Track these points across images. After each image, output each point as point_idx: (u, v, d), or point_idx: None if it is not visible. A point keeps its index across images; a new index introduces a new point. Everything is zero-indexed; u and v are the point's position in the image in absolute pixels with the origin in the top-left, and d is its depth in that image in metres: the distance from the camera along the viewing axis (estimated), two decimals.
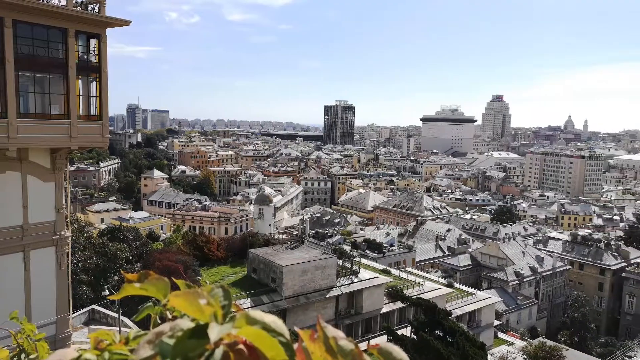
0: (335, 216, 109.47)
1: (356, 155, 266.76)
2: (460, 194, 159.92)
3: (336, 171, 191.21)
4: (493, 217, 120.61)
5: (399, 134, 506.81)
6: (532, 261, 75.29)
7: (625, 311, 76.92)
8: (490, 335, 43.96)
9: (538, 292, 73.26)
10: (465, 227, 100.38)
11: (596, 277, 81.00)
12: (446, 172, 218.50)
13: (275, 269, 36.60)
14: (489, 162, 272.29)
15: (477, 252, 77.05)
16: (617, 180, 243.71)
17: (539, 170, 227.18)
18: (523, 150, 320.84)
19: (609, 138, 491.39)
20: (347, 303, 38.54)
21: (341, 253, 44.42)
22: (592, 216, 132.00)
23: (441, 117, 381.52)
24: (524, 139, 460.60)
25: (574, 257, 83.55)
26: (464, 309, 42.37)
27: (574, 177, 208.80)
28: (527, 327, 62.93)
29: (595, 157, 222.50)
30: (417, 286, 42.43)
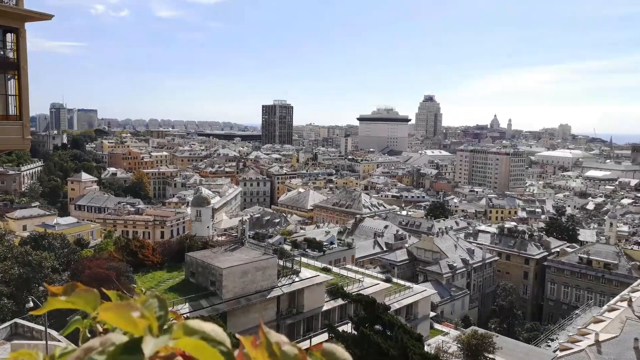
0: (275, 216, 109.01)
1: (295, 155, 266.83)
2: (396, 191, 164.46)
3: (275, 171, 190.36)
4: (427, 212, 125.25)
5: (336, 133, 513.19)
6: (463, 254, 79.01)
7: (547, 297, 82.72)
8: (427, 326, 45.67)
9: (470, 283, 77.00)
10: (402, 223, 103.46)
11: (521, 266, 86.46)
12: (383, 170, 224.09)
13: (215, 271, 35.88)
14: (422, 159, 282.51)
15: (413, 247, 79.70)
16: (539, 175, 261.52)
17: (469, 167, 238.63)
18: (454, 148, 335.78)
19: (531, 136, 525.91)
20: (288, 303, 38.52)
21: (282, 253, 44.32)
22: (517, 209, 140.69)
23: (377, 117, 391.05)
24: (454, 138, 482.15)
25: (501, 248, 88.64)
26: (401, 302, 43.70)
27: (500, 173, 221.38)
28: (461, 317, 65.99)
29: (519, 154, 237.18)
30: (356, 283, 43.20)
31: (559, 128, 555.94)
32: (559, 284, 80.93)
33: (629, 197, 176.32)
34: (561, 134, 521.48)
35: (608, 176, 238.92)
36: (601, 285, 75.98)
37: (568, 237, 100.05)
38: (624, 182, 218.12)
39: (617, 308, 52.63)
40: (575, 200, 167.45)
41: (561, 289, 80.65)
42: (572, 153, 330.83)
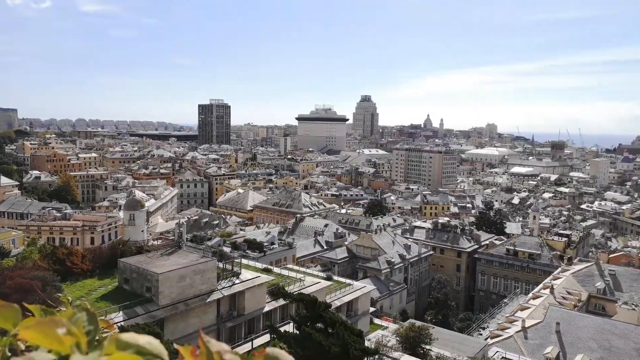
0: (213, 218, 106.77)
1: (234, 155, 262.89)
2: (335, 190, 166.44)
3: (213, 172, 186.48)
4: (366, 210, 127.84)
5: (275, 132, 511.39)
6: (401, 249, 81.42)
7: (478, 288, 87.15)
8: (367, 321, 46.62)
9: (407, 278, 79.49)
10: (341, 221, 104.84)
11: (454, 259, 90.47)
12: (322, 169, 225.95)
13: (150, 277, 34.57)
14: (360, 158, 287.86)
15: (352, 245, 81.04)
16: (469, 172, 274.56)
17: (404, 165, 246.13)
18: (390, 147, 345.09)
19: (461, 135, 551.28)
20: (229, 305, 37.88)
21: (221, 255, 43.50)
22: (450, 205, 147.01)
23: (316, 117, 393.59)
24: (390, 137, 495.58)
25: (435, 243, 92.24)
26: (342, 299, 44.30)
27: (434, 170, 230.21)
28: (399, 311, 67.99)
29: (451, 152, 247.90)
30: (298, 282, 43.28)
31: (486, 127, 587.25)
32: (489, 275, 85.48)
33: (549, 192, 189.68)
34: (488, 133, 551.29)
35: (531, 172, 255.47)
36: (526, 275, 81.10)
37: (496, 230, 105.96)
38: (545, 177, 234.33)
39: (541, 295, 56.49)
40: (502, 195, 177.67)
41: (491, 279, 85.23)
42: (499, 151, 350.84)
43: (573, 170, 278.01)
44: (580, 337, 43.27)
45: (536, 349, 42.53)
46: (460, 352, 33.82)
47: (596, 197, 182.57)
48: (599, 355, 40.93)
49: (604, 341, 42.38)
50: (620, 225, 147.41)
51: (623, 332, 43.31)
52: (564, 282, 60.85)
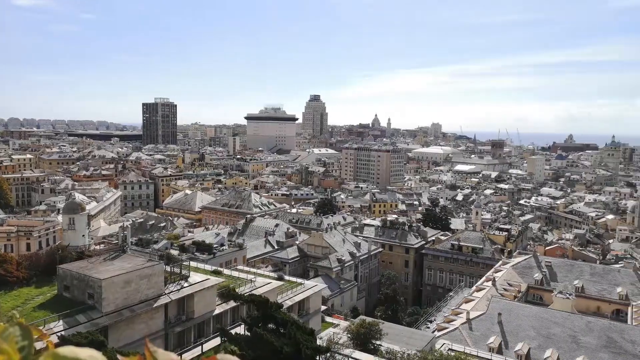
0: (160, 220, 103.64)
1: (180, 155, 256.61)
2: (286, 189, 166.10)
3: (159, 172, 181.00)
4: (316, 209, 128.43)
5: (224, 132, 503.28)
6: (351, 247, 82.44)
7: (426, 283, 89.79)
8: (319, 320, 46.86)
9: (357, 275, 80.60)
10: (292, 220, 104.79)
11: (403, 255, 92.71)
12: (272, 169, 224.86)
13: (93, 283, 33.07)
14: (310, 158, 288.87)
15: (303, 244, 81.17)
16: (415, 170, 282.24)
17: (354, 164, 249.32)
18: (339, 146, 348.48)
19: (407, 134, 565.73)
20: (177, 310, 36.91)
21: (168, 258, 42.30)
22: (398, 203, 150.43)
23: (265, 116, 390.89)
24: (339, 136, 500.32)
25: (384, 240, 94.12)
26: (293, 299, 44.27)
27: (382, 169, 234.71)
28: (350, 308, 68.85)
29: (398, 151, 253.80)
30: (249, 283, 42.81)
31: (431, 126, 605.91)
32: (435, 269, 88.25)
33: (490, 188, 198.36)
34: (433, 132, 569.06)
35: (473, 169, 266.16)
36: (470, 268, 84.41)
37: (442, 226, 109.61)
38: (486, 175, 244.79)
39: (484, 288, 58.97)
40: (447, 192, 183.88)
41: (437, 274, 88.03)
42: (443, 149, 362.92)
43: (512, 168, 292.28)
44: (521, 326, 45.54)
45: (480, 339, 44.36)
46: (409, 346, 34.68)
47: (533, 192, 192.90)
48: (537, 342, 43.23)
49: (542, 329, 44.82)
50: (555, 218, 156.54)
51: (559, 319, 46.00)
52: (504, 274, 63.82)
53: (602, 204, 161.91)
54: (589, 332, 43.54)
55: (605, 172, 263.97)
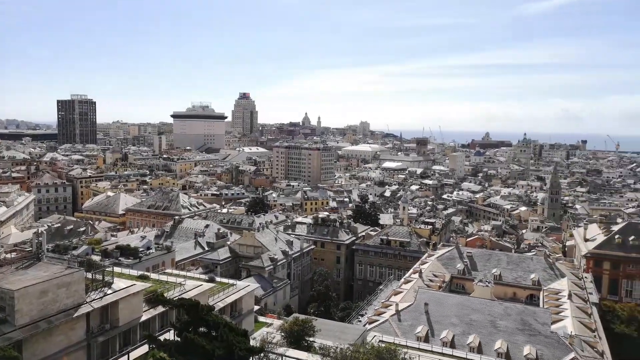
0: (79, 224, 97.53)
1: (101, 155, 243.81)
2: (216, 189, 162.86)
3: (78, 174, 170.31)
4: (248, 208, 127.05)
5: (149, 131, 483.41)
6: (283, 245, 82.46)
7: (357, 277, 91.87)
8: (252, 320, 46.38)
9: (290, 273, 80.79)
10: (223, 221, 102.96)
11: (334, 252, 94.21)
12: (201, 168, 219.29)
13: (4, 294, 30.42)
14: (241, 156, 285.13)
15: (235, 244, 79.97)
16: (345, 167, 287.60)
17: (285, 163, 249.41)
18: (270, 144, 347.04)
19: (337, 132, 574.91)
20: (100, 318, 34.90)
21: (90, 265, 39.85)
22: (329, 200, 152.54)
23: (193, 114, 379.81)
24: (270, 134, 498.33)
25: (316, 237, 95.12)
26: (226, 300, 43.46)
27: (313, 167, 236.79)
28: (283, 306, 68.85)
29: (328, 149, 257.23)
30: (178, 287, 41.43)
31: (360, 125, 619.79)
32: (366, 264, 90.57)
33: (416, 184, 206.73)
34: (362, 131, 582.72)
35: (400, 166, 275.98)
36: (399, 262, 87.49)
37: (371, 222, 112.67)
38: (412, 171, 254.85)
39: (411, 280, 61.38)
40: (376, 188, 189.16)
41: (367, 268, 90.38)
42: (371, 147, 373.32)
43: (435, 164, 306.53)
44: (446, 315, 47.94)
45: (409, 329, 46.16)
46: (341, 340, 35.32)
47: (455, 187, 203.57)
48: (461, 329, 45.73)
49: (464, 316, 47.48)
50: (474, 211, 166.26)
51: (479, 306, 48.96)
52: (430, 266, 66.82)
53: (516, 196, 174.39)
54: (506, 316, 46.76)
55: (518, 167, 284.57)
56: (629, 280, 75.61)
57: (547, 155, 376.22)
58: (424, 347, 40.56)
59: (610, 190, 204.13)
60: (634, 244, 76.72)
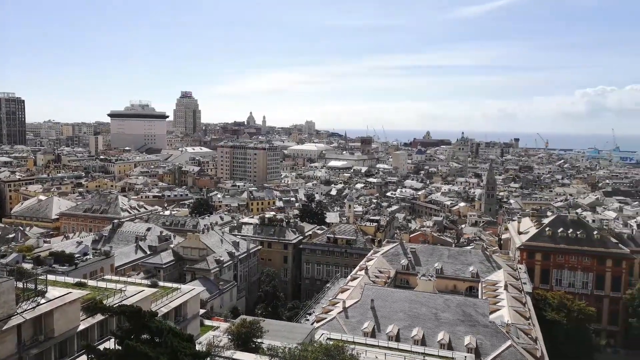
0: (8, 231, 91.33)
1: (32, 157, 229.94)
2: (158, 190, 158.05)
3: (5, 177, 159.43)
4: (192, 210, 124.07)
5: (84, 131, 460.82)
6: (229, 247, 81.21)
7: (304, 276, 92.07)
8: (197, 324, 45.33)
9: (237, 275, 79.73)
10: (166, 223, 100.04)
11: (281, 252, 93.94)
12: (142, 169, 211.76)
13: None
14: (183, 157, 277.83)
15: (179, 247, 77.83)
16: (291, 167, 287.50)
17: (230, 163, 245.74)
18: (214, 144, 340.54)
19: (283, 132, 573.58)
20: (33, 330, 32.85)
21: (20, 273, 37.38)
22: (275, 200, 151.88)
23: (131, 113, 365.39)
24: (214, 134, 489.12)
25: (263, 237, 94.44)
26: (169, 305, 42.20)
27: (259, 167, 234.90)
28: (230, 309, 67.82)
29: (274, 149, 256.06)
30: (118, 293, 39.75)
31: (305, 124, 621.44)
32: (313, 263, 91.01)
33: (361, 182, 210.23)
34: (307, 130, 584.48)
35: (345, 165, 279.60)
36: (345, 259, 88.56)
37: (318, 221, 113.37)
38: (357, 170, 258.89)
39: (358, 277, 62.34)
40: (322, 187, 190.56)
41: (315, 267, 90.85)
42: (317, 146, 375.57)
43: (379, 163, 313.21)
44: (391, 310, 49.11)
45: (356, 325, 46.89)
46: (290, 340, 35.29)
47: (398, 185, 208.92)
48: (406, 323, 47.02)
49: (409, 310, 48.85)
50: (417, 208, 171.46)
51: (423, 300, 50.55)
52: (376, 262, 68.18)
53: (455, 193, 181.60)
54: (448, 308, 48.57)
55: (457, 165, 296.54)
56: (559, 270, 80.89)
57: (483, 152, 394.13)
58: (371, 342, 41.35)
59: (541, 186, 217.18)
60: (562, 236, 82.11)
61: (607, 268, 79.17)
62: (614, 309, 78.60)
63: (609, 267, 79.13)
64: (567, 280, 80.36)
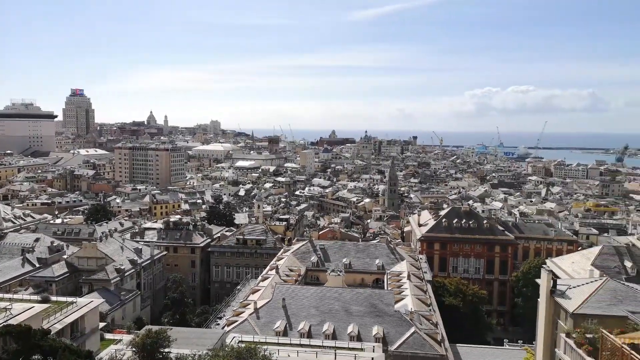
0: None
1: None
2: (47, 197, 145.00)
3: None
4: (87, 217, 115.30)
5: None
6: (131, 254, 76.72)
7: (213, 280, 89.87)
8: (97, 339, 42.25)
9: (140, 283, 75.58)
10: (57, 232, 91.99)
11: (189, 256, 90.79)
12: (27, 174, 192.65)
13: None
14: (76, 160, 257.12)
15: (73, 257, 71.85)
16: (197, 168, 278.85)
17: (129, 165, 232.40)
18: (111, 145, 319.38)
19: (187, 132, 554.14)
20: None
21: None
22: (180, 202, 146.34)
23: (13, 113, 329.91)
24: (110, 135, 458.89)
25: (168, 242, 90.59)
26: (64, 321, 38.83)
27: (161, 168, 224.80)
28: (133, 320, 64.07)
29: (177, 150, 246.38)
30: (2, 312, 35.78)
31: (210, 124, 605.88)
32: (222, 265, 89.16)
33: (269, 182, 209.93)
34: (213, 130, 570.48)
35: (253, 165, 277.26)
36: (256, 260, 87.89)
37: (227, 222, 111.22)
38: (265, 169, 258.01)
39: (268, 276, 62.17)
40: (230, 188, 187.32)
41: (224, 269, 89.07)
42: (223, 146, 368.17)
43: (287, 162, 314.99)
44: (303, 307, 49.64)
45: (268, 325, 46.75)
46: (200, 347, 34.21)
47: (306, 183, 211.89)
48: (317, 319, 47.82)
49: (320, 306, 49.74)
50: (325, 205, 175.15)
51: (332, 295, 51.76)
52: (286, 261, 68.49)
53: (361, 189, 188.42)
54: (356, 301, 50.24)
55: (362, 162, 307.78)
56: (455, 258, 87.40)
57: (385, 150, 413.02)
58: (283, 341, 41.47)
59: (437, 180, 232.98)
60: (456, 226, 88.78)
61: (495, 254, 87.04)
62: (502, 291, 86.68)
63: (497, 253, 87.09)
64: (462, 267, 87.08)
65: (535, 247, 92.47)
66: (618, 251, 59.93)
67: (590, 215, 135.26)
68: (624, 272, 54.52)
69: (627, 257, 58.75)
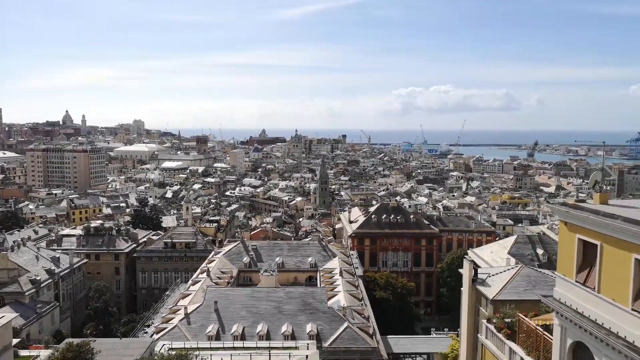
0: None
1: None
2: None
3: None
4: None
5: None
6: (48, 264, 71.60)
7: (140, 287, 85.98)
8: (10, 357, 38.95)
9: (59, 294, 70.76)
10: None
11: (112, 263, 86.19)
12: None
13: None
14: None
15: None
16: (119, 170, 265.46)
17: (43, 168, 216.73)
18: (22, 148, 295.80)
19: (107, 132, 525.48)
20: None
21: None
22: (102, 207, 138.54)
23: None
24: (21, 136, 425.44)
25: (89, 249, 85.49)
26: None
27: (80, 171, 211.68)
28: (52, 333, 59.86)
29: (97, 151, 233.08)
30: None
31: (133, 123, 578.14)
32: (149, 271, 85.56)
33: (198, 183, 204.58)
34: (136, 129, 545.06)
35: (180, 166, 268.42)
36: (185, 264, 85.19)
37: (153, 226, 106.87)
38: (194, 170, 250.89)
39: (199, 280, 60.50)
40: (156, 190, 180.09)
41: (152, 275, 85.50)
42: (148, 147, 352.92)
43: (217, 162, 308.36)
44: (235, 309, 48.81)
45: (200, 330, 45.48)
46: (126, 357, 32.57)
47: (237, 183, 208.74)
48: (250, 320, 47.23)
49: (253, 307, 49.17)
50: (256, 205, 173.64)
51: (265, 295, 51.39)
52: (217, 263, 67.04)
53: (292, 188, 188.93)
54: (289, 300, 50.21)
55: (292, 161, 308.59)
56: (384, 252, 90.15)
57: (315, 149, 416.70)
58: (215, 345, 40.57)
59: (366, 177, 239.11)
60: (385, 222, 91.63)
61: (422, 247, 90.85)
62: (429, 282, 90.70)
63: (424, 246, 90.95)
64: (392, 260, 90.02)
65: (457, 238, 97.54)
66: (531, 240, 64.96)
67: (506, 207, 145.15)
68: (536, 259, 59.14)
69: (539, 245, 63.85)
